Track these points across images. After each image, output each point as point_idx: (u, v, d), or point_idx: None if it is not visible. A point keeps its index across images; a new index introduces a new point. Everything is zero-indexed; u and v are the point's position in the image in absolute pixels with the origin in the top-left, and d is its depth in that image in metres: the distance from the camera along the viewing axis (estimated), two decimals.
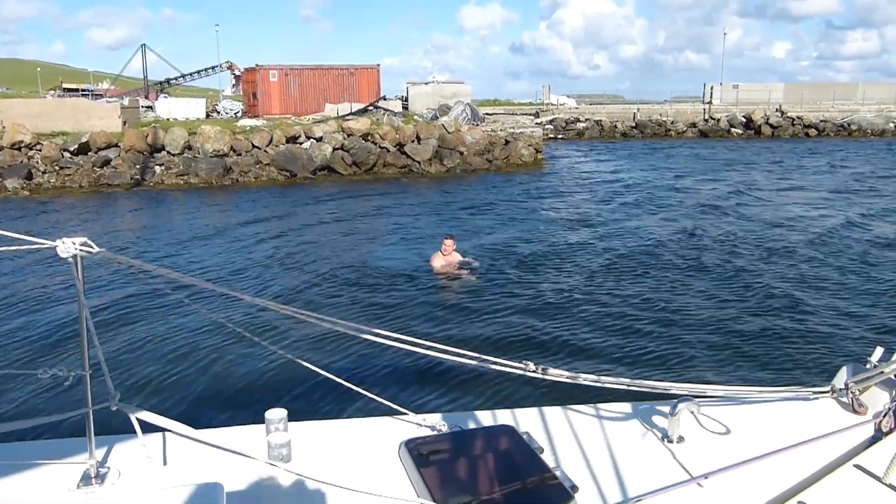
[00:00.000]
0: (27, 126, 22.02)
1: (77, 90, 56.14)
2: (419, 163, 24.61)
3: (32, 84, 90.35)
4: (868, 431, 2.97)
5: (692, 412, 2.92)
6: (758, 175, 24.53)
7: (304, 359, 3.28)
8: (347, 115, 28.98)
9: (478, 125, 28.13)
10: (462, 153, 25.28)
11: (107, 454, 2.59)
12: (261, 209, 17.71)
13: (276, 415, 2.70)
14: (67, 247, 2.19)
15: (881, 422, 2.97)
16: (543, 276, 9.99)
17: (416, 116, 29.67)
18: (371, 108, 30.97)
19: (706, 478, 2.60)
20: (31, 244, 2.19)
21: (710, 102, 50.15)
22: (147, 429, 2.55)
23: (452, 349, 2.80)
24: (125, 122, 24.92)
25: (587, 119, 47.86)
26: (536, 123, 32.62)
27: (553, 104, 52.05)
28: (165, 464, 2.59)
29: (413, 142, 24.98)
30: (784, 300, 8.81)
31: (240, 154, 23.32)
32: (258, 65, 37.15)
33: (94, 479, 2.43)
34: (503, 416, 3.02)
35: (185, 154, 22.90)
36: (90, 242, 2.24)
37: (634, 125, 47.24)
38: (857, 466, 2.66)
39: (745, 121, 46.16)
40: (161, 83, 55.32)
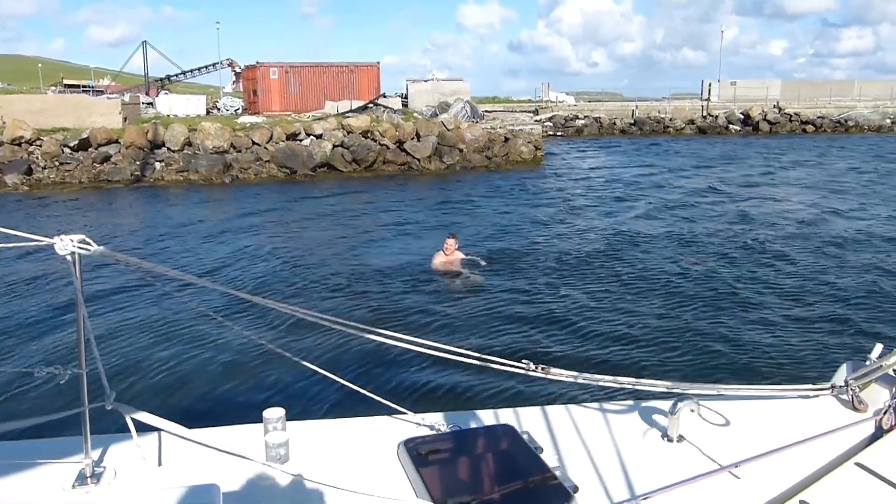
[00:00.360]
0: (28, 122, 22.01)
1: (78, 86, 56.14)
2: (419, 160, 24.58)
3: (33, 80, 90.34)
4: (868, 429, 2.96)
5: (692, 411, 2.90)
6: (756, 172, 24.51)
7: (303, 357, 3.27)
8: (347, 113, 28.94)
9: (477, 122, 28.11)
10: (462, 150, 25.26)
11: (102, 454, 2.57)
12: (260, 206, 17.69)
13: (274, 414, 2.68)
14: (65, 244, 2.16)
15: (882, 419, 2.96)
16: (543, 275, 9.97)
17: (416, 114, 29.63)
18: (371, 106, 30.94)
19: (707, 477, 2.59)
20: (29, 241, 2.17)
21: (709, 99, 50.14)
22: (143, 429, 2.54)
23: (452, 348, 2.78)
24: (126, 119, 24.89)
25: (586, 116, 47.83)
26: (535, 121, 32.58)
27: (552, 101, 52.01)
28: (161, 464, 2.58)
29: (413, 139, 24.95)
30: (783, 297, 8.79)
31: (240, 151, 23.30)
32: (258, 62, 37.10)
33: (90, 479, 2.41)
34: (503, 416, 3.00)
35: (186, 150, 22.88)
36: (88, 240, 2.21)
37: (633, 122, 47.20)
38: (859, 464, 2.65)
39: (743, 117, 46.15)
40: (162, 80, 55.21)
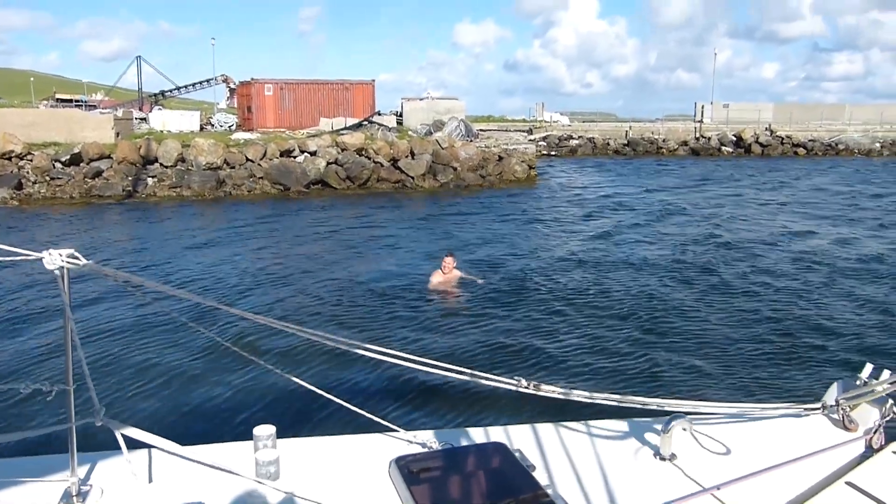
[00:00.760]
0: (19, 136, 21.94)
1: (70, 101, 56.14)
2: (413, 178, 24.65)
3: (25, 94, 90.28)
4: (859, 448, 2.97)
5: (684, 429, 2.90)
6: (747, 193, 24.69)
7: (294, 374, 3.26)
8: (342, 130, 29.04)
9: (471, 141, 28.24)
10: (456, 169, 25.35)
11: (90, 471, 2.54)
12: (253, 222, 17.66)
13: (265, 431, 2.66)
14: (54, 258, 2.16)
15: (872, 438, 2.97)
16: (536, 293, 9.97)
17: (411, 132, 29.76)
18: (365, 123, 31.05)
19: (699, 495, 2.58)
20: (17, 255, 2.16)
21: (702, 121, 50.66)
22: (132, 445, 2.51)
23: (444, 365, 2.78)
24: (118, 134, 24.87)
25: (580, 136, 48.22)
26: (530, 140, 32.80)
27: (546, 121, 52.45)
28: (151, 481, 2.55)
29: (407, 157, 25.03)
30: (774, 316, 8.82)
31: (233, 167, 23.30)
32: (253, 78, 37.24)
33: (76, 497, 2.38)
34: (495, 433, 2.99)
35: (179, 166, 22.85)
36: (77, 254, 2.21)
37: (627, 143, 47.59)
38: (849, 483, 2.65)
39: (736, 139, 46.62)
40: (156, 95, 55.35)
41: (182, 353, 7.12)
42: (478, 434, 2.99)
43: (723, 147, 46.44)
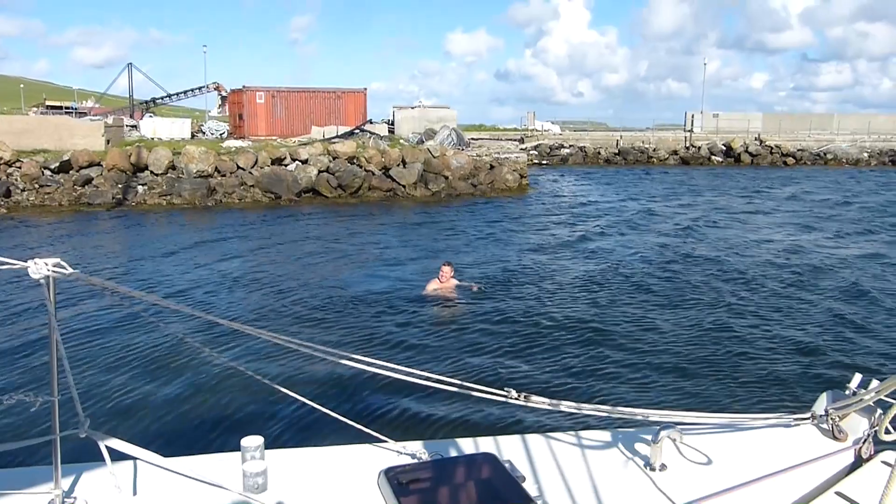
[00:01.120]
0: (8, 143, 21.81)
1: (60, 108, 55.91)
2: (404, 186, 24.66)
3: (15, 100, 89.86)
4: (848, 458, 2.97)
5: (674, 440, 2.89)
6: (736, 203, 24.83)
7: (282, 384, 3.23)
8: (333, 138, 29.05)
9: (463, 150, 28.30)
10: (447, 178, 25.38)
11: (74, 483, 2.51)
12: (244, 231, 17.61)
13: (252, 442, 2.63)
14: (39, 267, 2.13)
15: (861, 448, 2.98)
16: (526, 303, 9.98)
17: (402, 140, 29.81)
18: (357, 132, 31.09)
19: None
20: (2, 265, 2.13)
21: (692, 130, 50.94)
22: (117, 457, 2.48)
23: (434, 376, 2.76)
24: (108, 141, 24.75)
25: (571, 145, 48.43)
26: (521, 149, 32.96)
27: (538, 130, 52.61)
28: (135, 494, 2.51)
29: (398, 165, 25.05)
30: (763, 326, 8.86)
31: (224, 175, 23.24)
32: (245, 86, 37.21)
33: None
34: (485, 444, 2.98)
35: (169, 174, 22.78)
36: (63, 263, 2.19)
37: (617, 152, 47.84)
38: (839, 494, 2.65)
39: (726, 149, 46.95)
40: (147, 102, 55.15)
41: (168, 363, 7.06)
42: (467, 445, 2.98)
43: (712, 156, 46.76)
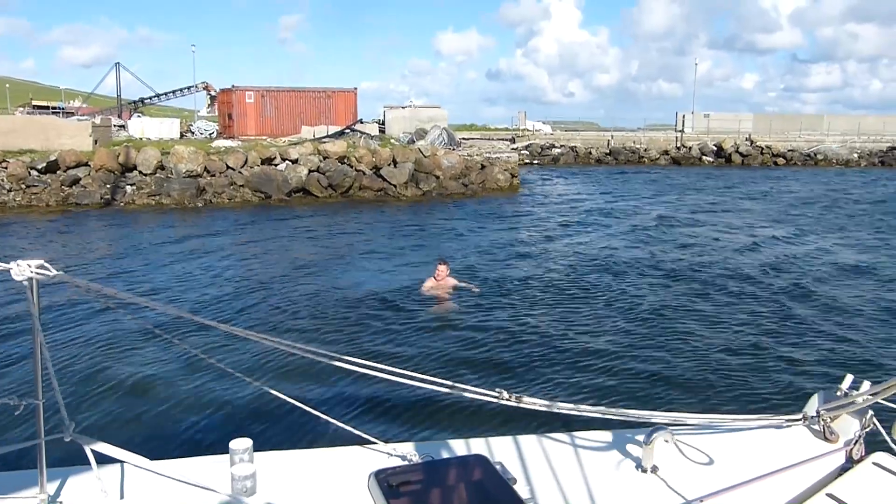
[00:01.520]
0: None
1: (47, 108, 55.50)
2: (395, 186, 24.62)
3: (0, 100, 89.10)
4: (839, 459, 2.97)
5: (666, 441, 2.89)
6: (727, 203, 24.95)
7: (271, 386, 3.20)
8: (324, 138, 28.96)
9: (454, 150, 28.29)
10: (438, 177, 25.36)
11: (60, 488, 2.47)
12: (234, 231, 17.52)
13: (241, 445, 2.61)
14: (22, 269, 2.10)
15: (852, 449, 2.98)
16: (518, 303, 9.97)
17: (393, 140, 29.77)
18: (348, 131, 31.01)
19: None
20: None
21: (682, 131, 51.18)
22: (103, 461, 2.45)
23: (425, 377, 2.75)
24: (96, 141, 24.57)
25: (562, 145, 48.52)
26: (512, 149, 32.96)
27: (529, 130, 52.68)
28: (123, 497, 2.48)
29: (389, 165, 25.01)
30: (754, 327, 8.89)
31: (214, 175, 23.13)
32: (234, 86, 37.06)
33: None
34: (476, 446, 2.96)
35: (158, 174, 22.64)
36: (47, 265, 2.15)
37: (609, 152, 47.97)
38: (830, 495, 2.65)
39: (716, 149, 47.17)
40: (135, 102, 54.87)
41: (155, 366, 7.00)
42: (459, 446, 2.96)
43: (703, 157, 46.98)
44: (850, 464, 2.93)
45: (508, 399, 2.71)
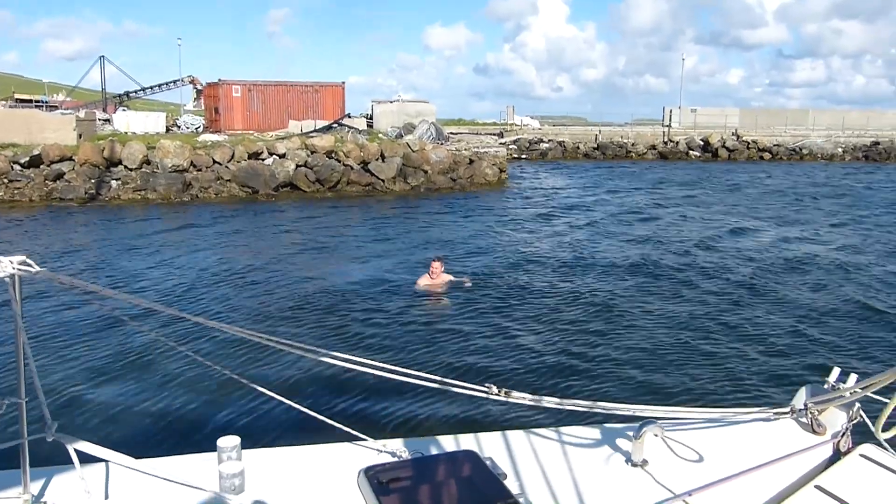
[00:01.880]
0: None
1: (31, 101, 54.77)
2: (383, 181, 24.55)
3: None
4: (827, 451, 3.00)
5: (656, 435, 2.90)
6: (714, 198, 25.09)
7: (259, 383, 3.18)
8: (311, 132, 28.82)
9: (442, 144, 28.25)
10: (426, 172, 25.32)
11: (43, 488, 2.44)
12: (220, 226, 17.40)
13: (229, 442, 2.58)
14: (4, 265, 2.07)
15: (839, 442, 3.01)
16: (507, 298, 9.98)
17: (381, 134, 29.67)
18: (335, 126, 30.88)
19: (671, 501, 2.57)
20: None
21: (670, 125, 51.42)
22: (87, 460, 2.41)
23: (413, 372, 2.74)
24: (80, 135, 24.31)
25: (550, 140, 48.58)
26: (500, 143, 32.91)
27: (517, 125, 52.76)
28: (107, 497, 2.45)
29: (377, 160, 24.93)
30: (743, 321, 8.94)
31: (200, 169, 22.95)
32: (221, 79, 36.78)
33: None
34: (466, 441, 2.95)
35: (144, 169, 22.42)
36: (30, 261, 2.12)
37: (596, 146, 48.10)
38: (818, 487, 2.67)
39: (703, 144, 47.42)
40: (120, 96, 54.39)
41: (140, 363, 6.92)
42: (448, 442, 2.95)
43: (690, 151, 47.20)
44: (838, 456, 2.96)
45: (497, 394, 2.71)
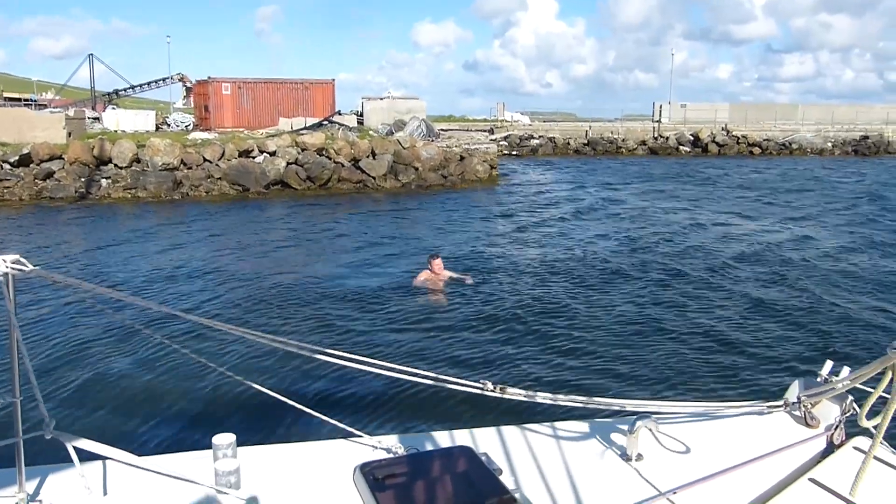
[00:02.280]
0: None
1: (19, 100, 54.33)
2: (374, 178, 24.51)
3: None
4: (820, 444, 3.02)
5: (650, 430, 2.91)
6: (703, 192, 25.20)
7: (254, 380, 3.17)
8: (302, 130, 28.73)
9: (433, 141, 28.22)
10: (417, 169, 25.29)
11: (39, 486, 2.43)
12: (211, 224, 17.34)
13: (224, 440, 2.58)
14: None
15: (833, 434, 3.03)
16: (499, 294, 9.99)
17: (372, 131, 29.60)
18: (326, 123, 30.79)
19: (665, 496, 2.59)
20: None
21: (660, 121, 51.55)
22: (85, 457, 2.41)
23: (408, 369, 2.74)
24: (70, 134, 24.15)
25: (541, 136, 48.60)
26: (491, 140, 32.89)
27: (507, 121, 52.72)
28: (105, 494, 2.45)
29: (368, 157, 24.88)
30: (736, 315, 8.99)
31: (190, 168, 22.85)
32: (211, 77, 36.56)
33: None
34: (461, 437, 2.96)
35: (134, 167, 22.30)
36: (22, 259, 2.12)
37: (587, 142, 48.16)
38: (812, 480, 2.69)
39: (693, 139, 47.58)
40: (109, 94, 54.04)
41: (135, 361, 6.91)
42: (443, 438, 2.96)
43: (680, 146, 47.36)
44: (832, 449, 2.98)
45: (493, 390, 2.71)
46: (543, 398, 2.89)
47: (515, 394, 2.78)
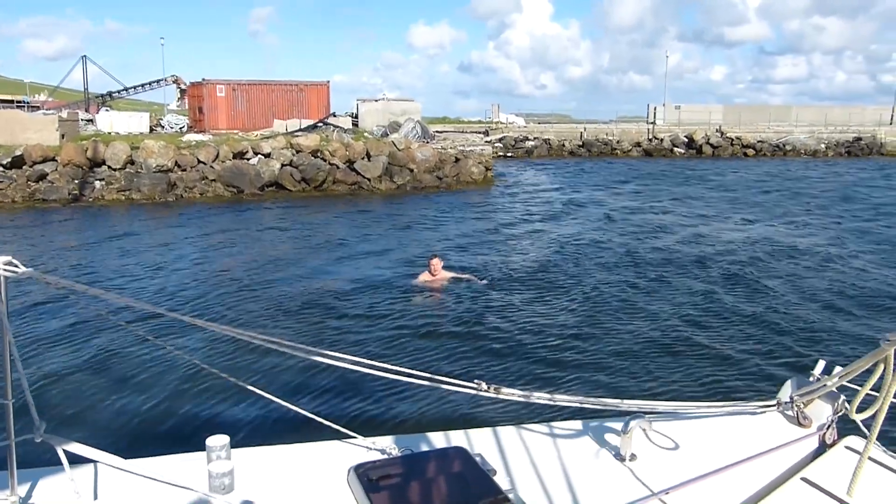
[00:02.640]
0: None
1: (12, 102, 54.16)
2: (369, 180, 24.49)
3: None
4: (813, 444, 3.03)
5: (644, 429, 2.92)
6: (698, 193, 25.26)
7: (247, 382, 3.17)
8: (296, 131, 28.69)
9: (428, 143, 28.21)
10: (412, 170, 25.28)
11: (31, 489, 2.42)
12: (205, 226, 17.29)
13: (218, 442, 2.57)
14: None
15: (825, 434, 3.04)
16: (493, 295, 9.99)
17: (366, 133, 29.59)
18: (320, 125, 30.76)
19: (659, 496, 2.59)
20: None
21: (654, 123, 51.69)
22: (76, 461, 2.40)
23: (403, 369, 2.73)
24: (63, 136, 24.06)
25: (536, 138, 48.67)
26: (486, 142, 32.92)
27: (502, 123, 52.76)
28: (96, 498, 2.44)
29: (363, 159, 24.86)
30: (729, 315, 9.01)
31: (185, 169, 22.78)
32: (205, 79, 36.47)
33: None
34: (456, 438, 2.96)
35: (128, 169, 22.22)
36: (15, 261, 2.11)
37: (582, 144, 48.26)
38: (804, 479, 2.70)
39: (687, 140, 47.73)
40: (103, 96, 53.84)
41: (128, 363, 6.88)
42: (438, 439, 2.96)
43: (675, 148, 47.50)
44: (824, 448, 2.99)
45: (487, 391, 2.71)
46: (538, 398, 2.90)
47: (510, 394, 2.78)
